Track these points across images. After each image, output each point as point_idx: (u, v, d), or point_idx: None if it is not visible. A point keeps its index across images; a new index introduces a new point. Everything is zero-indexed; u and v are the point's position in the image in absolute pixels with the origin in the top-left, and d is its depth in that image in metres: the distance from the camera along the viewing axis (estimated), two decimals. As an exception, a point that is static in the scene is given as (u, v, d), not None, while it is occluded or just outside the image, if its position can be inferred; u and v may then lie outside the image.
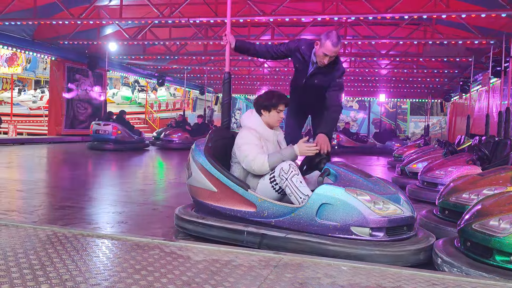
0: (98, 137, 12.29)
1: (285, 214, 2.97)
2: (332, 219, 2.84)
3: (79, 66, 15.42)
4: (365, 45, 13.36)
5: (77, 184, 5.92)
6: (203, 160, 3.31)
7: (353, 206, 2.80)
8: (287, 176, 2.99)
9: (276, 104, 3.29)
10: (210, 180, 3.25)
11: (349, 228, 2.81)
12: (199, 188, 3.35)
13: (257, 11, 9.58)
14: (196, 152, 3.40)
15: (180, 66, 18.04)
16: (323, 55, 3.48)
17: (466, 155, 5.89)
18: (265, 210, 3.04)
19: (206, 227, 3.18)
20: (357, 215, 2.79)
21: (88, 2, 10.50)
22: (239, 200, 3.13)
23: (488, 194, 3.23)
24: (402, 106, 27.08)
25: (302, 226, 2.91)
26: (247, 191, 3.10)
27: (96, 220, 3.84)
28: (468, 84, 13.77)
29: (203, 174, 3.29)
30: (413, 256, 2.72)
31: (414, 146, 11.59)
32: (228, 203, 3.17)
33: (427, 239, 2.92)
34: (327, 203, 2.84)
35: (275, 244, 2.89)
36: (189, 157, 3.49)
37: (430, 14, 9.19)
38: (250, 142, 3.19)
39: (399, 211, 2.87)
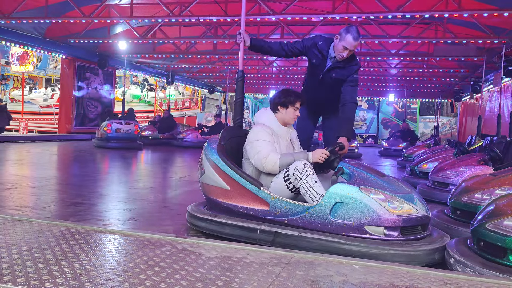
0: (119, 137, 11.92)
1: (298, 213, 2.96)
2: (346, 218, 2.83)
3: (89, 65, 15.53)
4: (375, 44, 13.29)
5: (88, 181, 5.96)
6: (216, 158, 3.32)
7: (368, 205, 2.80)
8: (301, 175, 2.99)
9: (294, 101, 3.33)
10: (223, 178, 3.26)
11: (363, 227, 2.80)
12: (212, 186, 3.36)
13: (267, 10, 9.58)
14: (209, 150, 3.41)
15: (189, 65, 18.09)
16: (343, 48, 3.53)
17: (478, 155, 5.84)
18: (278, 209, 3.04)
19: (219, 224, 3.19)
20: (371, 214, 2.78)
21: (99, 1, 10.58)
22: (252, 198, 3.14)
23: (501, 194, 3.20)
24: (411, 106, 26.90)
25: (315, 224, 2.91)
26: (260, 189, 3.10)
27: (107, 216, 3.87)
28: (479, 84, 13.65)
29: (216, 172, 3.30)
30: (428, 256, 2.70)
31: (424, 146, 11.53)
32: (241, 201, 3.18)
33: (441, 239, 2.91)
34: (341, 202, 2.84)
35: (288, 243, 2.89)
36: (202, 155, 3.51)
37: (441, 13, 9.11)
38: (263, 139, 3.22)
39: (413, 211, 2.86)
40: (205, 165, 3.42)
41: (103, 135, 11.98)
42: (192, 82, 23.42)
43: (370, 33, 11.67)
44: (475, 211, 3.25)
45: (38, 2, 10.58)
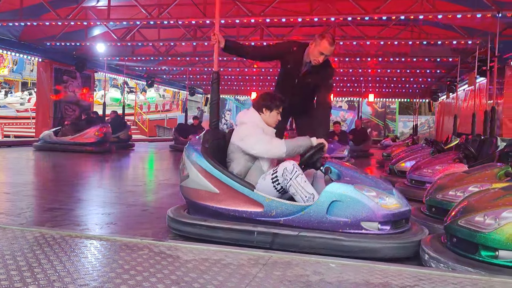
0: None
1: (294, 213, 3.01)
2: (343, 216, 2.93)
3: (66, 68, 15.27)
4: (354, 45, 13.44)
5: (66, 186, 5.87)
6: (202, 161, 3.27)
7: (363, 202, 2.92)
8: (291, 176, 3.06)
9: (279, 106, 3.42)
10: (211, 182, 3.22)
11: (360, 223, 2.92)
12: (197, 190, 3.29)
13: (245, 12, 9.59)
14: (193, 153, 3.34)
15: (169, 67, 17.97)
16: (318, 53, 3.61)
17: (453, 153, 5.97)
18: (273, 210, 3.06)
19: (210, 229, 3.13)
20: (366, 211, 2.91)
21: (75, 3, 10.41)
22: (244, 201, 3.13)
23: (474, 191, 3.29)
24: (390, 106, 27.30)
25: (312, 223, 2.97)
26: (253, 191, 3.11)
27: (84, 221, 3.82)
28: (454, 83, 13.93)
29: (203, 176, 3.25)
30: (416, 247, 2.86)
31: (403, 145, 11.72)
32: (232, 204, 3.16)
33: (422, 231, 3.09)
34: (337, 200, 2.94)
35: (288, 243, 2.93)
36: (184, 158, 3.43)
37: (416, 14, 9.27)
38: (257, 131, 3.26)
39: (399, 205, 3.03)
40: (188, 168, 3.34)
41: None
42: (173, 85, 23.27)
43: (349, 34, 11.80)
44: (449, 208, 3.37)
45: (12, 4, 10.36)
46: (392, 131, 26.56)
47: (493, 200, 2.56)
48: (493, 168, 3.72)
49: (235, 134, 3.35)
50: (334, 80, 19.82)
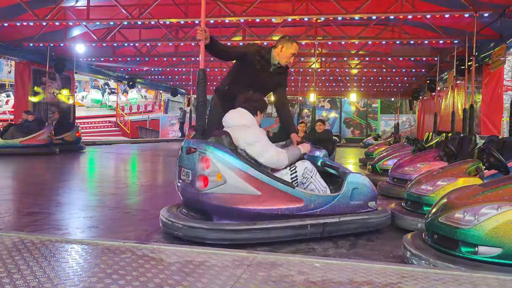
0: None
1: (327, 203, 3.46)
2: (359, 199, 3.61)
3: (45, 69, 15.00)
4: (335, 45, 13.54)
5: (46, 189, 5.76)
6: (242, 164, 3.17)
7: (369, 186, 3.70)
8: (311, 174, 3.52)
9: (266, 108, 3.71)
10: (252, 184, 3.17)
11: (367, 204, 3.67)
12: (237, 195, 3.16)
13: (227, 12, 9.58)
14: (226, 157, 3.16)
15: (151, 68, 17.82)
16: (291, 55, 3.94)
17: (434, 151, 6.07)
18: (312, 203, 3.39)
19: (263, 231, 3.17)
20: (371, 193, 3.71)
21: (53, 3, 10.23)
22: (286, 199, 3.29)
23: (442, 185, 3.63)
24: (372, 105, 27.58)
25: (340, 209, 3.51)
26: (295, 189, 3.34)
27: (65, 225, 3.75)
28: (434, 82, 14.17)
29: (244, 179, 3.16)
30: (389, 220, 3.77)
31: (385, 144, 11.86)
32: (274, 204, 3.25)
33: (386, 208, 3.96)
34: (356, 188, 3.59)
35: (333, 229, 3.45)
36: (212, 163, 3.15)
37: (396, 14, 9.40)
38: (264, 138, 3.41)
39: None
40: (225, 173, 3.14)
41: None
42: (155, 85, 23.07)
43: (330, 34, 11.89)
44: (421, 201, 3.72)
45: (-12, 5, 10.15)
46: (374, 130, 26.84)
47: (472, 197, 2.60)
48: (464, 164, 3.83)
49: (241, 137, 3.30)
50: (318, 80, 20.01)
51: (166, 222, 3.32)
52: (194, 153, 3.27)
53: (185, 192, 3.41)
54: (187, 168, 3.36)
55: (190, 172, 3.29)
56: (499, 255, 2.30)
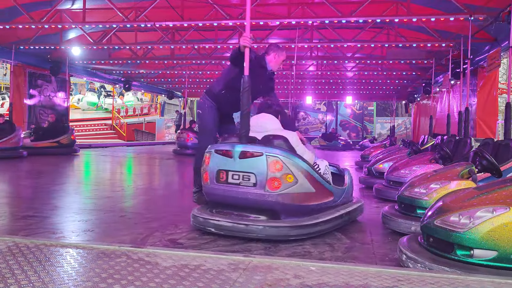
0: None
1: (342, 195, 4.10)
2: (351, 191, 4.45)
3: (41, 72, 14.95)
4: (331, 48, 13.58)
5: (41, 193, 5.73)
6: (306, 165, 3.56)
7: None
8: (328, 170, 4.03)
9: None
10: (311, 183, 3.60)
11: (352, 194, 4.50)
12: (303, 193, 3.55)
13: (223, 15, 9.58)
14: (295, 159, 3.51)
15: (147, 71, 17.79)
16: (281, 62, 4.36)
17: (429, 154, 6.08)
18: (337, 196, 3.98)
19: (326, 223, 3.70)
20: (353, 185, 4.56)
21: (49, 6, 10.21)
22: (327, 193, 3.82)
23: (434, 188, 3.63)
24: (368, 107, 27.66)
25: (346, 200, 4.21)
26: (330, 185, 3.88)
27: (60, 229, 3.74)
28: (430, 85, 14.22)
29: (308, 179, 3.55)
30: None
31: (381, 146, 11.88)
32: (321, 199, 3.74)
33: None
34: (351, 181, 4.42)
35: (351, 216, 4.16)
36: (285, 164, 3.40)
37: (392, 18, 9.44)
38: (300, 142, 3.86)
39: None
40: (297, 175, 3.44)
41: None
42: (151, 88, 23.04)
43: (326, 37, 11.92)
44: (414, 204, 3.72)
45: (-17, 7, 10.11)
46: (370, 132, 26.91)
47: (467, 199, 2.61)
48: (458, 167, 3.84)
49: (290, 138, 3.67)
50: (313, 83, 20.05)
51: (236, 225, 3.41)
52: (259, 157, 3.42)
53: (238, 194, 3.49)
54: (246, 172, 3.46)
55: (254, 175, 3.42)
56: (494, 258, 2.31)
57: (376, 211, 4.92)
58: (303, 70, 16.81)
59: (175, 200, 5.88)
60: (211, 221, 3.51)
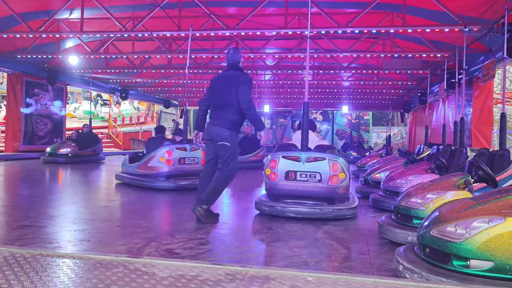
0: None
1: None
2: None
3: (38, 80, 14.96)
4: (327, 58, 13.67)
5: (37, 202, 5.71)
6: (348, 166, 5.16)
7: None
8: None
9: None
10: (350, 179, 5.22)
11: None
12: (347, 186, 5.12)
13: (220, 25, 9.64)
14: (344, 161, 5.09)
15: (144, 80, 17.83)
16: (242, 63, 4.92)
17: (425, 164, 6.11)
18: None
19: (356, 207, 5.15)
20: None
21: (47, 15, 10.24)
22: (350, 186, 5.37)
23: (431, 198, 3.62)
24: (364, 117, 27.76)
25: None
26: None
27: (56, 239, 3.72)
28: (425, 95, 14.31)
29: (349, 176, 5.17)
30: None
31: (377, 156, 11.91)
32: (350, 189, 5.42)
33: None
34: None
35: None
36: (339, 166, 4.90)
37: (387, 28, 9.53)
38: None
39: None
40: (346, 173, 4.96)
41: None
42: (147, 97, 23.05)
43: (322, 47, 12.00)
44: (411, 214, 3.72)
45: (-19, 16, 10.12)
46: (366, 142, 27.00)
47: (463, 210, 2.62)
48: (454, 177, 3.85)
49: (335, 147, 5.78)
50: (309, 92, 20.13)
51: (312, 210, 4.77)
52: (323, 160, 4.87)
53: (307, 188, 4.88)
54: (313, 171, 4.87)
55: (320, 174, 4.85)
56: (490, 269, 2.31)
57: (372, 220, 4.92)
58: (299, 80, 16.89)
59: (171, 210, 5.87)
60: (290, 208, 4.79)
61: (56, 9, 9.66)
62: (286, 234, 4.18)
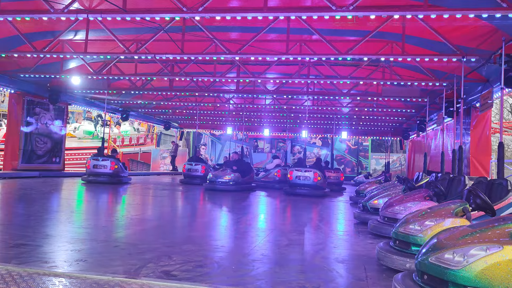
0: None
1: None
2: None
3: (39, 100, 15.07)
4: (327, 84, 13.84)
5: (34, 221, 5.68)
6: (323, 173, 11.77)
7: None
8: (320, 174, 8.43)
9: None
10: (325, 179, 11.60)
11: None
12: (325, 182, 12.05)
13: (223, 49, 9.80)
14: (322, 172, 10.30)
15: (145, 101, 17.98)
16: None
17: (424, 191, 6.10)
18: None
19: None
20: None
21: (51, 36, 10.41)
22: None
23: (429, 225, 3.62)
24: (363, 143, 27.87)
25: None
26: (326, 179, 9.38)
27: (53, 258, 3.69)
28: (424, 123, 14.42)
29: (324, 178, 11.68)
30: None
31: (376, 182, 11.92)
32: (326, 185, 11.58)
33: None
34: None
35: None
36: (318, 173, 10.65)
37: (387, 56, 9.70)
38: None
39: None
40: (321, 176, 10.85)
41: None
42: (148, 118, 23.19)
43: (323, 73, 12.17)
44: (409, 240, 3.71)
45: (-14, 36, 10.29)
46: (365, 168, 27.01)
47: (461, 237, 2.63)
48: (452, 204, 3.87)
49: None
50: (309, 117, 20.31)
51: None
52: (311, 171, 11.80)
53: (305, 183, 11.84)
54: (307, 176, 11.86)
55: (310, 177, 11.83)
56: (488, 297, 2.30)
57: (371, 247, 4.90)
58: (300, 105, 17.05)
59: (169, 232, 5.84)
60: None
61: (61, 30, 9.83)
62: (284, 258, 4.15)
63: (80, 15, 8.24)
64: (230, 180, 12.43)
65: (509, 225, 2.54)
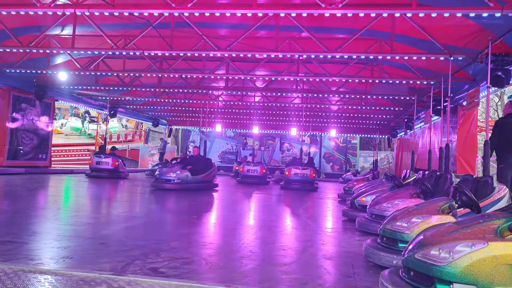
0: None
1: None
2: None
3: (25, 95, 14.86)
4: (316, 82, 13.87)
5: (20, 218, 5.61)
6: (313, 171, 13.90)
7: None
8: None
9: None
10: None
11: None
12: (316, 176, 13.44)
13: (212, 46, 9.76)
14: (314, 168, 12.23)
15: (133, 98, 17.82)
16: None
17: (411, 188, 6.16)
18: None
19: None
20: None
21: (38, 31, 10.26)
22: None
23: (416, 222, 3.66)
24: (352, 141, 28.02)
25: None
26: None
27: (39, 255, 3.65)
28: (412, 121, 14.53)
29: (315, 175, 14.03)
30: None
31: (364, 179, 12.00)
32: None
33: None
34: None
35: None
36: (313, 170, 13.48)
37: (375, 55, 9.75)
38: None
39: None
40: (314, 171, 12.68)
41: None
42: (136, 115, 23.01)
43: (312, 71, 12.19)
44: (396, 237, 3.74)
45: (-29, 30, 10.10)
46: (353, 165, 27.17)
47: (447, 234, 2.65)
48: (438, 201, 3.91)
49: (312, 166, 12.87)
50: (298, 115, 20.35)
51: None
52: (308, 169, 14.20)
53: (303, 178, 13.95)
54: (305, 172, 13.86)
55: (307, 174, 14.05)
56: (473, 293, 2.33)
57: (358, 244, 4.93)
58: (288, 103, 17.06)
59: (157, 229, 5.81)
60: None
61: (48, 25, 9.69)
62: (273, 255, 4.16)
63: (67, 10, 8.12)
64: (176, 178, 11.06)
65: (494, 222, 2.57)
